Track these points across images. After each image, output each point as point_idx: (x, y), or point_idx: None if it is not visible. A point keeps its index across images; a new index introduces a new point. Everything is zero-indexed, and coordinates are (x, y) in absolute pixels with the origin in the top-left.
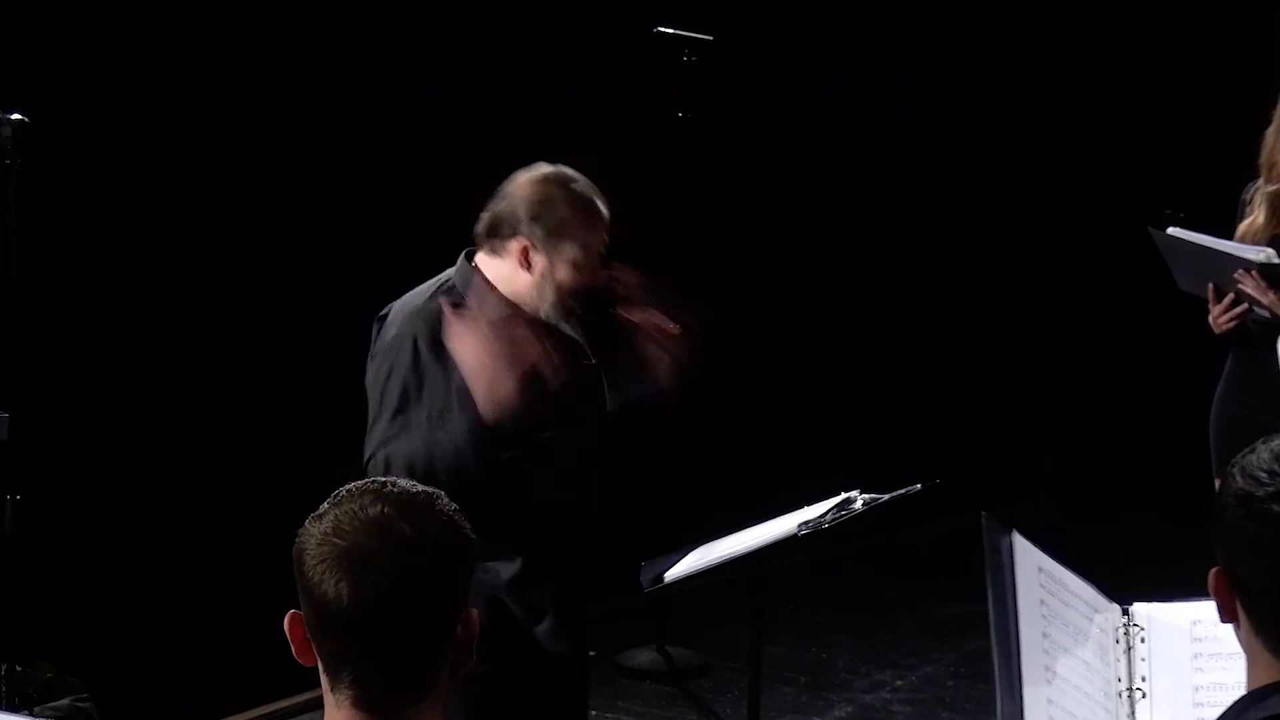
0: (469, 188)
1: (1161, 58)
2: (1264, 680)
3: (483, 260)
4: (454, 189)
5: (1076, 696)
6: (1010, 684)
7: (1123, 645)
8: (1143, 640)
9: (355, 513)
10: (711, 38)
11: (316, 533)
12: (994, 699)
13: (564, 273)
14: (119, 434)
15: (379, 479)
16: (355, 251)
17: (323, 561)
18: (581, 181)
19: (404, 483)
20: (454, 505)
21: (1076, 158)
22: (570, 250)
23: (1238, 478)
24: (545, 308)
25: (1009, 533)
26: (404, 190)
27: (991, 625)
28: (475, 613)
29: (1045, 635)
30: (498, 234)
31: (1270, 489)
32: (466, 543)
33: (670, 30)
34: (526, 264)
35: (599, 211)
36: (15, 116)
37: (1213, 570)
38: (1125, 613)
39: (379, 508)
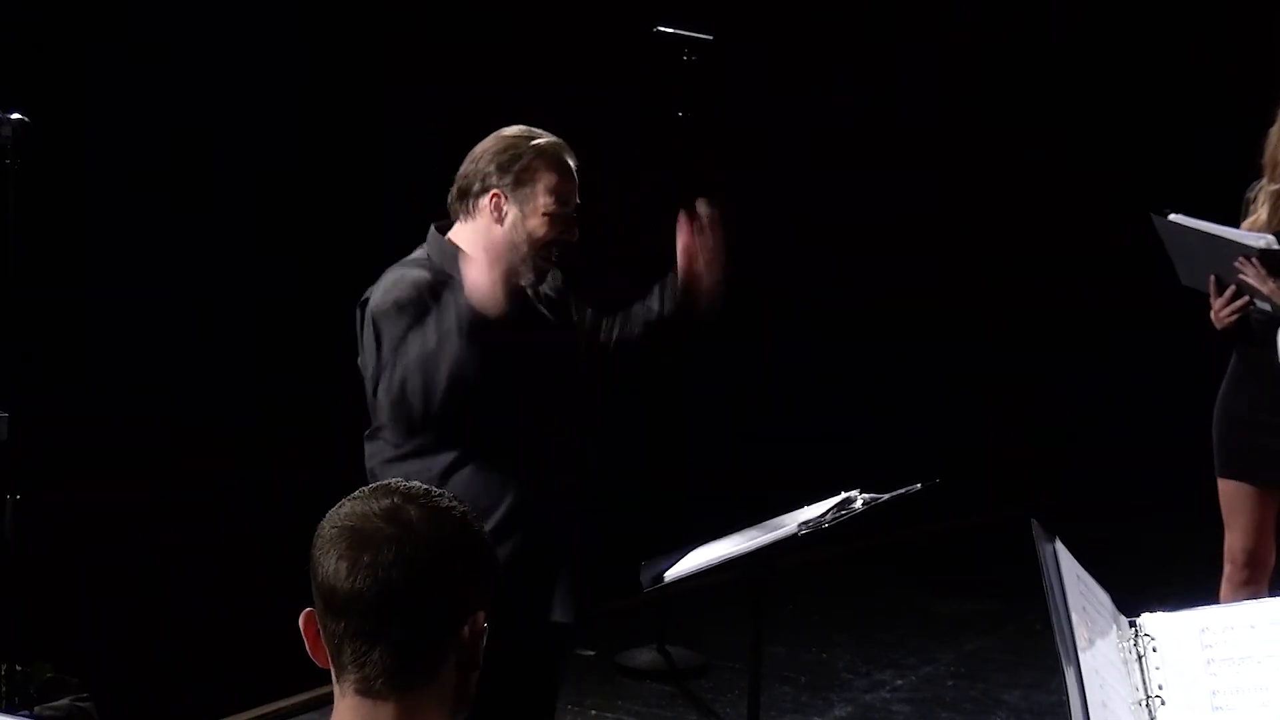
0: None
1: (1161, 58)
2: None
3: (456, 230)
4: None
5: (1120, 702)
6: (1079, 688)
7: (1134, 656)
8: (1154, 650)
9: (368, 502)
10: (711, 38)
11: (329, 521)
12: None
13: (535, 222)
14: (119, 434)
15: (395, 480)
16: (355, 251)
17: (329, 542)
18: (547, 134)
19: (419, 483)
20: (471, 511)
21: (1076, 157)
22: (540, 198)
23: None
24: (519, 263)
25: (1053, 540)
26: (404, 190)
27: (1054, 630)
28: (483, 617)
29: (1090, 641)
30: (469, 194)
31: None
32: (479, 544)
33: (670, 30)
34: (499, 216)
35: (565, 160)
36: (15, 116)
37: None
38: (1133, 624)
39: (390, 499)
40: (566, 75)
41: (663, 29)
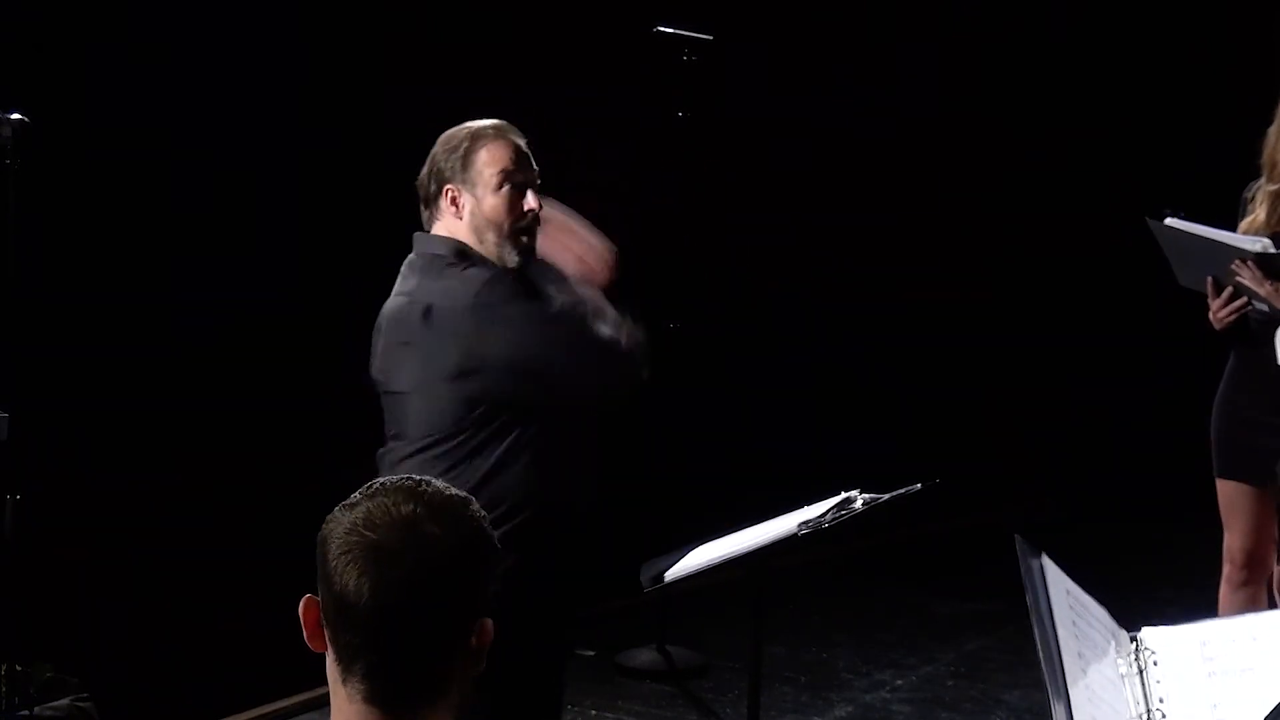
0: None
1: (1162, 58)
2: None
3: (436, 229)
4: None
5: (1113, 717)
6: (1065, 706)
7: (1134, 670)
8: (1155, 663)
9: (387, 507)
10: (711, 38)
11: (345, 522)
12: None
13: (491, 202)
14: (119, 434)
15: (414, 477)
16: (356, 251)
17: (348, 552)
18: (488, 120)
19: (438, 484)
20: (484, 513)
21: (1076, 157)
22: (486, 175)
23: None
24: (493, 249)
25: (1039, 555)
26: (404, 190)
27: (1038, 646)
28: (490, 622)
29: (1080, 655)
30: (429, 197)
31: None
32: (492, 551)
33: (670, 30)
34: (458, 210)
35: (506, 135)
36: (15, 116)
37: None
38: (1134, 639)
39: (411, 506)
40: (566, 75)
41: (663, 29)
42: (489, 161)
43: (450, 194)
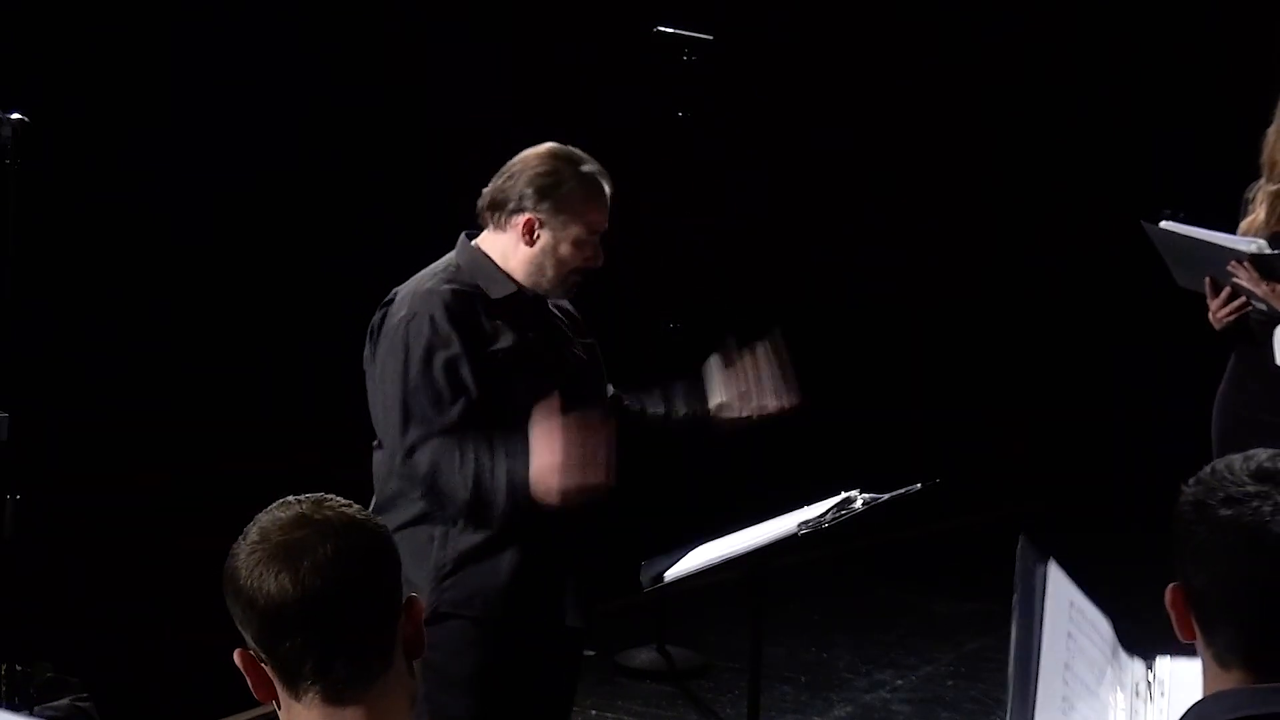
0: (470, 184)
1: (1162, 57)
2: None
3: (485, 238)
4: (455, 187)
5: None
6: (1024, 707)
7: (1143, 699)
8: (1162, 694)
9: (276, 517)
10: (711, 38)
11: (244, 548)
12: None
13: (566, 250)
14: (119, 434)
15: (286, 498)
16: (355, 252)
17: (257, 565)
18: (589, 161)
19: (314, 494)
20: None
21: (1076, 158)
22: (574, 228)
23: (1192, 486)
24: (544, 283)
25: (1045, 562)
26: (404, 189)
27: (1012, 648)
28: (419, 600)
29: (1067, 666)
30: (502, 209)
31: (1221, 494)
32: (388, 535)
33: (670, 30)
34: (530, 239)
35: (604, 192)
36: (15, 116)
37: (1170, 586)
38: (1149, 668)
39: (298, 509)
40: (566, 75)
41: (663, 29)
42: (589, 223)
43: (530, 223)
